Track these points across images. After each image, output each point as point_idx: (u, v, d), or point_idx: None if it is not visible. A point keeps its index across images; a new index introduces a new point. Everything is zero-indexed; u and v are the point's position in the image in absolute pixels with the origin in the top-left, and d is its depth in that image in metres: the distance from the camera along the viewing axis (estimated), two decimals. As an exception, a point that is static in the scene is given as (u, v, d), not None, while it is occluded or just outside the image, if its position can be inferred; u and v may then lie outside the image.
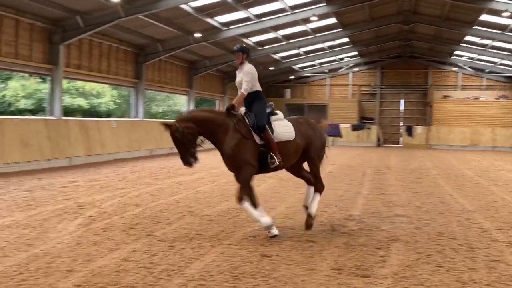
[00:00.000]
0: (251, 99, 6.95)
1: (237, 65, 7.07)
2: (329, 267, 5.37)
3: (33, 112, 28.60)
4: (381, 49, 32.28)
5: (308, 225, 7.02)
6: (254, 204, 6.68)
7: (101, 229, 6.90)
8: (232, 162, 6.62)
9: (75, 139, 16.21)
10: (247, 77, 6.87)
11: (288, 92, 36.91)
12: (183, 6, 17.30)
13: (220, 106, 31.60)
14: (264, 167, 6.75)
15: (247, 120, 6.73)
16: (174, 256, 5.68)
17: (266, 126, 6.74)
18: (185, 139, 6.42)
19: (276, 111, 7.11)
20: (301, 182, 10.99)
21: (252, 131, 6.66)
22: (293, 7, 20.32)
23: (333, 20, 23.24)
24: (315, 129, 7.33)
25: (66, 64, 16.67)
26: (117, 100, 35.13)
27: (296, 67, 33.79)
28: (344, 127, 33.79)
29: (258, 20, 20.96)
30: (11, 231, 6.66)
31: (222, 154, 6.68)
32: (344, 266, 5.41)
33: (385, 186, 12.32)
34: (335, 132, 33.71)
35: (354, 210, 8.89)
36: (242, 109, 6.87)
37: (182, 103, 37.39)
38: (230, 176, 13.63)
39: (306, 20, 22.00)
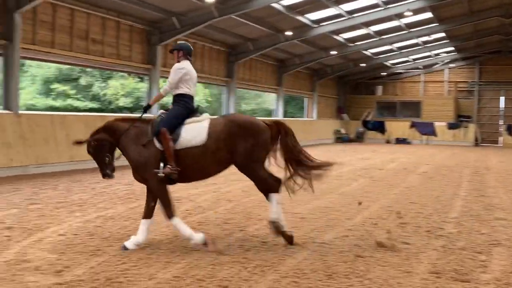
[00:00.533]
0: (173, 101, 6.29)
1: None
2: (426, 270, 5.19)
3: (131, 110, 30.12)
4: (480, 43, 30.61)
5: (286, 236, 6.06)
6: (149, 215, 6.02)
7: (197, 223, 7.14)
8: (138, 173, 6.07)
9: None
10: (170, 76, 6.24)
11: (379, 89, 36.05)
12: (275, 5, 17.43)
13: (309, 104, 31.54)
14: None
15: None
16: (267, 252, 5.75)
17: (164, 130, 5.85)
18: (97, 151, 6.09)
19: (200, 114, 6.23)
20: (395, 182, 10.67)
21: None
22: (386, 2, 19.81)
23: (428, 15, 22.38)
24: (238, 129, 6.04)
25: (163, 64, 17.39)
26: (209, 99, 36.13)
27: (388, 63, 32.94)
28: (439, 125, 32.46)
29: (349, 17, 20.65)
30: (114, 223, 7.06)
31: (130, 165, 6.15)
32: (443, 270, 5.21)
33: (484, 188, 11.70)
34: (430, 130, 32.49)
35: (452, 212, 8.53)
36: (159, 112, 6.23)
37: (271, 101, 37.78)
38: (320, 174, 13.55)
39: (400, 15, 21.35)
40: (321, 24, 21.08)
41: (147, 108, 6.43)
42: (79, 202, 8.50)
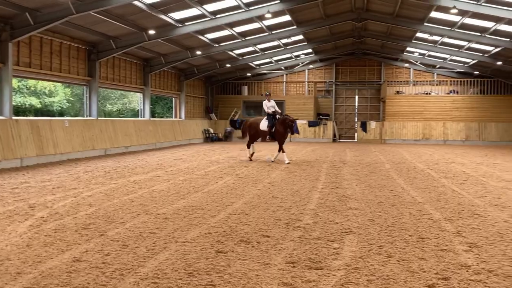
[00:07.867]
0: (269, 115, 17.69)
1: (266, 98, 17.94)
2: (283, 261, 5.42)
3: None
4: (336, 46, 32.71)
5: None
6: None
7: (53, 230, 6.75)
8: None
9: (26, 139, 15.77)
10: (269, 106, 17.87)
11: (245, 89, 36.95)
12: (136, 3, 17.05)
13: (177, 104, 31.35)
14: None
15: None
16: (128, 255, 5.61)
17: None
18: None
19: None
20: (260, 178, 11.01)
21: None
22: (248, 4, 20.33)
23: (287, 18, 23.39)
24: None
25: (15, 62, 16.18)
26: (71, 99, 34.40)
27: (253, 64, 33.87)
28: (301, 123, 34.08)
29: (213, 17, 20.88)
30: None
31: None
32: (298, 259, 5.48)
33: (340, 180, 12.52)
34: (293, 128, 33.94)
35: (309, 204, 9.00)
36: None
37: (137, 101, 36.94)
38: (187, 174, 13.56)
39: (261, 18, 22.06)
40: (185, 24, 21.06)
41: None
42: None
